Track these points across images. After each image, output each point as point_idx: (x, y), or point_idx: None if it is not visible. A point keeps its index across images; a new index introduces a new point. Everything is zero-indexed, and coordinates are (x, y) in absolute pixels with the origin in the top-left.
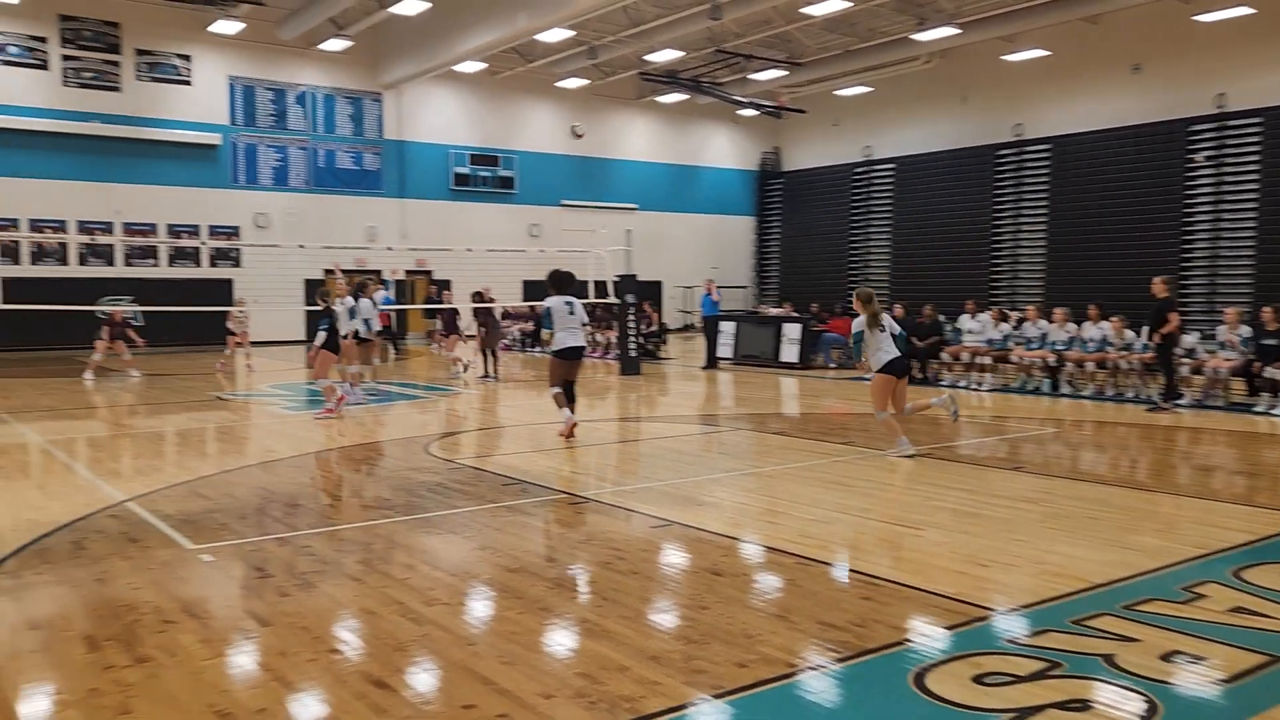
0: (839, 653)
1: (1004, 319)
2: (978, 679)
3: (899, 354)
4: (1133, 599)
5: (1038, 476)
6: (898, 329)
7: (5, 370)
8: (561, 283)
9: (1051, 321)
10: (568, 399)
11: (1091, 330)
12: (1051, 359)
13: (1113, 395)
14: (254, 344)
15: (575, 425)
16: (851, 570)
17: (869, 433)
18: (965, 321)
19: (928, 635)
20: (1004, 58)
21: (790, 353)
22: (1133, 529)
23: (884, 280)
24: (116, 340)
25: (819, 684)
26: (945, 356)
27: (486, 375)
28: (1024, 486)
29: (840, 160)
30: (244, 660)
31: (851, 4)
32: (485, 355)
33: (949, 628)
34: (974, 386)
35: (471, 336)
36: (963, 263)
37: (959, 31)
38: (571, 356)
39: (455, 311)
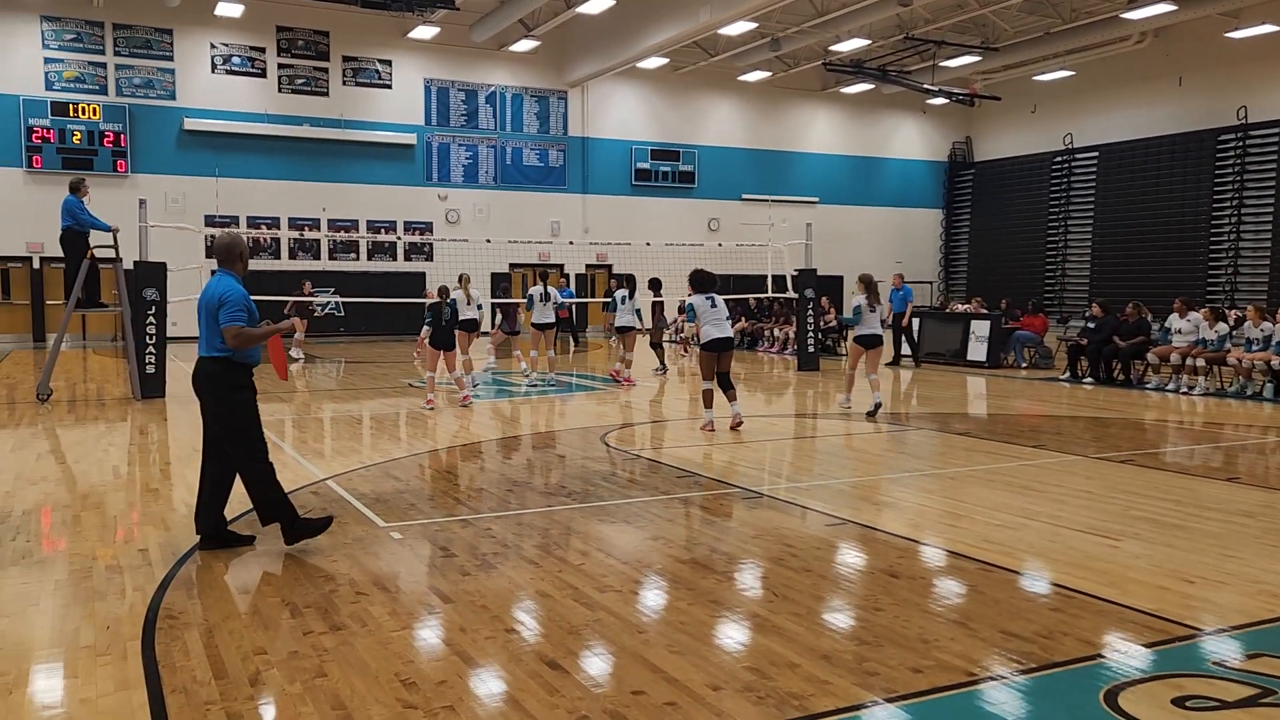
0: (1022, 664)
1: (1221, 318)
2: (1178, 702)
3: (877, 332)
4: None
5: (1257, 489)
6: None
7: None
8: (703, 282)
9: (1276, 322)
10: (724, 388)
11: None
12: (1276, 362)
13: None
14: None
15: (738, 423)
16: (1039, 579)
17: (1063, 436)
18: (1174, 321)
19: (1122, 652)
20: (1227, 35)
21: (978, 351)
22: None
23: (1083, 275)
24: (294, 317)
25: (1000, 695)
26: (1152, 358)
27: (659, 368)
28: (1240, 499)
29: (1038, 149)
30: (428, 634)
31: None
32: (656, 349)
33: (1147, 645)
34: (1184, 390)
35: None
36: (1174, 258)
37: (1175, 8)
38: (721, 348)
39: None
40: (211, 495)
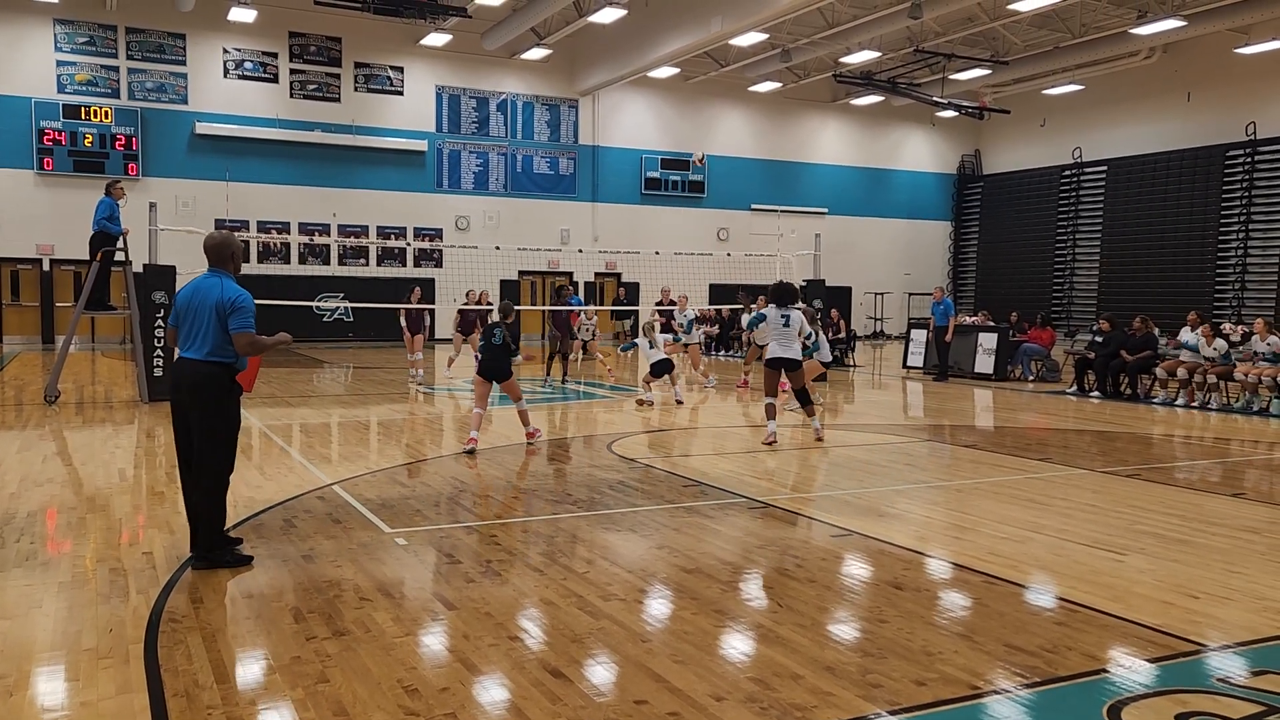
0: (1026, 678)
1: (1219, 334)
2: (1182, 718)
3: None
4: None
5: (1263, 505)
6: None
7: None
8: (781, 295)
9: None
10: (803, 403)
11: None
12: None
13: None
14: (447, 340)
15: (774, 439)
16: (1044, 593)
17: (1069, 449)
18: (1185, 335)
19: (1126, 667)
20: (1236, 51)
21: (985, 363)
22: None
23: (1091, 289)
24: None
25: (1003, 709)
26: (1160, 372)
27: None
28: (1245, 514)
29: (1046, 163)
30: (431, 640)
31: None
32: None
33: (1151, 660)
34: (1191, 405)
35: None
36: (1182, 273)
37: (1184, 24)
38: (781, 367)
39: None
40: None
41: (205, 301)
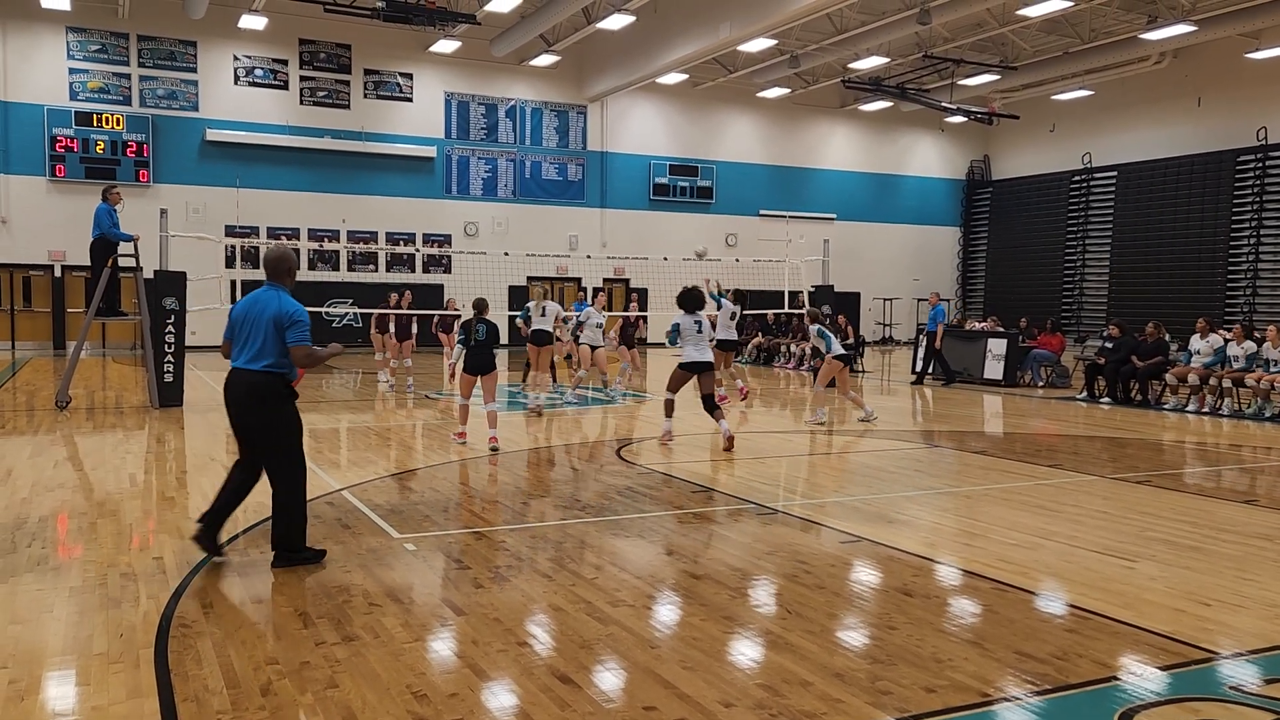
0: (1037, 685)
1: (1249, 336)
2: None
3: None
4: None
5: (1275, 511)
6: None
7: None
8: (689, 301)
9: None
10: (709, 410)
11: None
12: None
13: None
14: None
15: (729, 443)
16: (1054, 600)
17: (1079, 455)
18: (1195, 341)
19: (1138, 675)
20: (1247, 55)
21: (994, 369)
22: None
23: (1101, 295)
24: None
25: (1014, 716)
26: (1170, 378)
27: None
28: (1258, 521)
29: (1056, 168)
30: (440, 646)
31: (1073, 4)
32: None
33: (1163, 668)
34: (1203, 411)
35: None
36: (1192, 279)
37: (1194, 29)
38: (695, 370)
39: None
40: (229, 504)
41: (263, 314)
